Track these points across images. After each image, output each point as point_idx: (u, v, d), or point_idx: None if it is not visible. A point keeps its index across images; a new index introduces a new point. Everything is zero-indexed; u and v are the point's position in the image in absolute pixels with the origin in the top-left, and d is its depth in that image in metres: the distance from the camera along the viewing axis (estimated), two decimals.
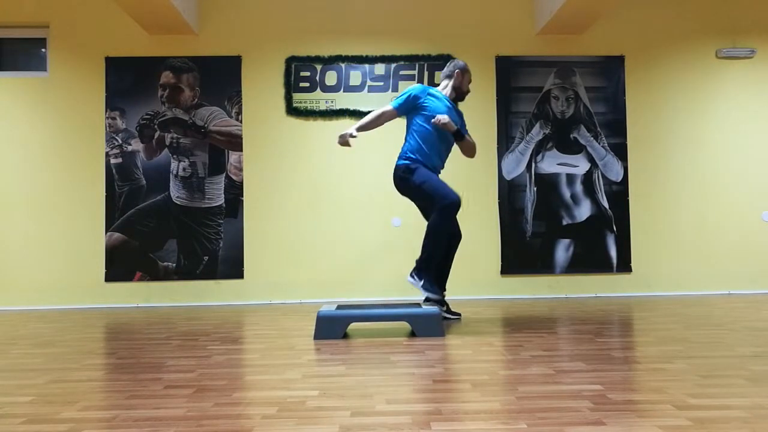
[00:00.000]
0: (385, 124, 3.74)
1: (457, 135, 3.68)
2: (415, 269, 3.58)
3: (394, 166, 3.72)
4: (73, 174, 5.23)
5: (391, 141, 5.18)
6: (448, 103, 3.74)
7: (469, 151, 3.84)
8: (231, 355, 2.75)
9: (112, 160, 5.24)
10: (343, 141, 3.62)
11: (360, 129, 3.66)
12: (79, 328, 3.81)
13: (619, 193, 5.38)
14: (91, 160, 5.24)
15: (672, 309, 4.22)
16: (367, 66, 5.35)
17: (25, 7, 5.29)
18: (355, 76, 5.34)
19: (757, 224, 5.43)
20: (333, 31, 5.38)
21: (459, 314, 3.87)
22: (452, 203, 3.50)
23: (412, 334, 3.22)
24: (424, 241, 3.57)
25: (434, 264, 3.60)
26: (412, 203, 5.34)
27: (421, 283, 3.54)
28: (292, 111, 5.31)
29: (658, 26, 5.50)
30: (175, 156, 5.26)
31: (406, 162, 3.65)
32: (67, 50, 5.28)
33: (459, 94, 3.80)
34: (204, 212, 5.24)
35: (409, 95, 3.66)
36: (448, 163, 5.32)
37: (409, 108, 3.68)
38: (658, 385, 2.04)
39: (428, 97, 3.66)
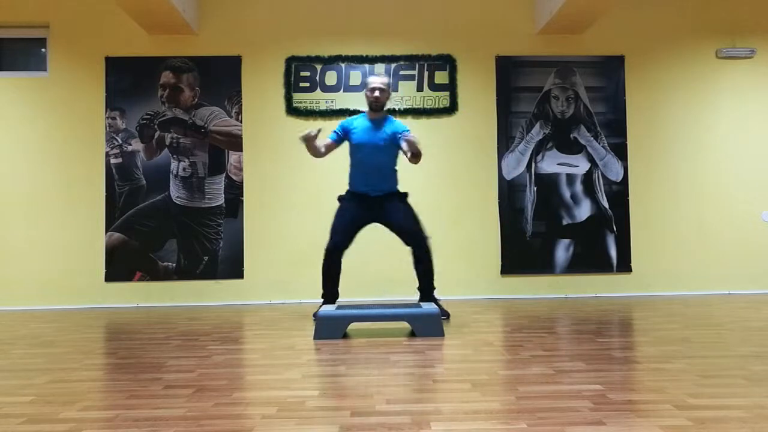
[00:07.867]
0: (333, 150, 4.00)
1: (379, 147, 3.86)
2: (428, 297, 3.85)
3: None
4: (73, 174, 5.23)
5: None
6: (367, 123, 3.93)
7: (414, 158, 3.80)
8: (231, 355, 2.75)
9: (112, 160, 5.24)
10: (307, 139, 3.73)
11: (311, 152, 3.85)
12: (79, 328, 3.81)
13: (619, 193, 5.38)
14: (91, 160, 5.24)
15: (672, 309, 4.22)
16: (367, 66, 5.35)
17: (25, 7, 5.29)
18: (355, 76, 5.34)
19: (757, 224, 5.43)
20: (333, 31, 5.37)
21: None
22: (326, 248, 3.82)
23: (412, 334, 3.22)
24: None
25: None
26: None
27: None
28: (292, 111, 5.31)
29: (658, 26, 5.50)
30: (175, 156, 5.26)
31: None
32: (67, 50, 5.28)
33: (369, 105, 3.98)
34: (204, 212, 5.24)
35: (338, 127, 3.98)
36: (449, 163, 5.36)
37: (342, 138, 3.97)
38: (658, 385, 2.04)
39: (351, 128, 3.93)
